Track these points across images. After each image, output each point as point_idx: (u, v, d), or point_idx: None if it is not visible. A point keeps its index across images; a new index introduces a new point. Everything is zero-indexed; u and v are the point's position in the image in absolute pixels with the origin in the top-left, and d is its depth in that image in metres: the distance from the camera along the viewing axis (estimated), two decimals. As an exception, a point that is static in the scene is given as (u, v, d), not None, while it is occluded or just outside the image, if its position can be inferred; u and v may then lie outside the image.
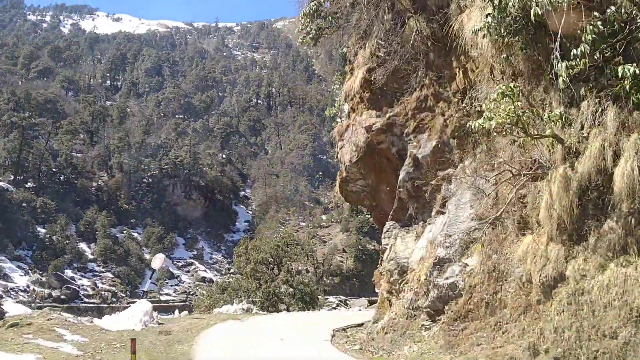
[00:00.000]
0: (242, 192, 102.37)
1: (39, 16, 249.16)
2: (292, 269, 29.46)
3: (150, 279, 23.07)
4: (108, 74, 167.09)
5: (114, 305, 61.21)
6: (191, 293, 63.40)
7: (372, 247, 79.53)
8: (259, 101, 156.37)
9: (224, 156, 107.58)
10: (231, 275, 50.05)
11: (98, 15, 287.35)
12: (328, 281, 70.17)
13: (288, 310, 26.56)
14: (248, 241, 31.00)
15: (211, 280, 66.50)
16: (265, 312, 22.73)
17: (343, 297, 68.29)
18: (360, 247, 77.18)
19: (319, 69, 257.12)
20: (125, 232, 74.34)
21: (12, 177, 70.84)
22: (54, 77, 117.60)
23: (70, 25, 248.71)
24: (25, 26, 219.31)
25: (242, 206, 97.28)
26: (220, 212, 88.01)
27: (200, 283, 69.22)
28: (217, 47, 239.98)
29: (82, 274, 63.42)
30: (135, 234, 76.03)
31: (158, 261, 22.84)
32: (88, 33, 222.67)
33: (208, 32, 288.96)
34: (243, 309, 21.48)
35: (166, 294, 66.66)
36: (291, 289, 27.05)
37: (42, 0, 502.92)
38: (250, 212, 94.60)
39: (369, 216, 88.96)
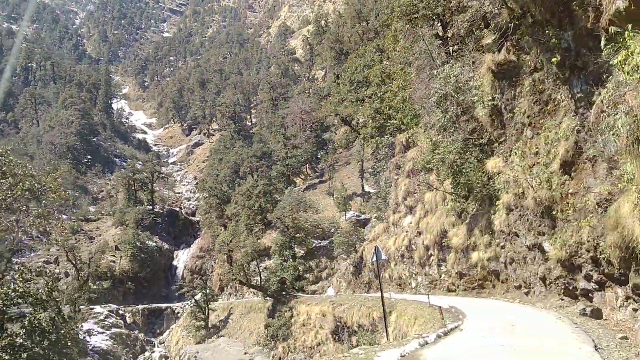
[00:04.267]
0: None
1: None
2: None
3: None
4: None
5: None
6: None
7: (154, 244, 66.46)
8: (14, 76, 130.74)
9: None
10: None
11: None
12: (95, 286, 54.85)
13: None
14: None
15: None
16: None
17: (114, 306, 54.49)
18: (138, 244, 63.37)
19: (91, 49, 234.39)
20: None
21: None
22: None
23: None
24: None
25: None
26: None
27: None
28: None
29: None
30: None
31: None
32: None
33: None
34: None
35: None
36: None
37: None
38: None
39: (150, 206, 75.38)
